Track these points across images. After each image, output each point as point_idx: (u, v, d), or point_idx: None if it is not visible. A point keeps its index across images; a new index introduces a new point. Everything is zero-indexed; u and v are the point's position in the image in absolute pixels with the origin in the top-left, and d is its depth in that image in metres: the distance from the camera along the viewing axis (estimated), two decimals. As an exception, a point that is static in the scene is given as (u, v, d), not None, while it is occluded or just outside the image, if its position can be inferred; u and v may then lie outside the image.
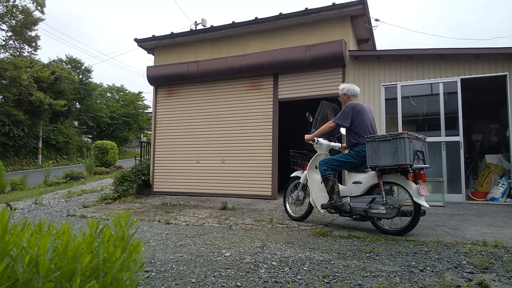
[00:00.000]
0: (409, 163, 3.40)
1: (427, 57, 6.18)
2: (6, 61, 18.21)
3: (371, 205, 3.68)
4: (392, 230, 3.70)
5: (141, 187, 8.02)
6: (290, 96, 7.03)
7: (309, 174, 4.37)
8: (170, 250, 3.28)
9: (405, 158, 3.39)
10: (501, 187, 5.83)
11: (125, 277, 1.44)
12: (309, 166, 4.39)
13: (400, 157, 3.41)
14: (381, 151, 3.56)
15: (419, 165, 3.56)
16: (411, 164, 3.42)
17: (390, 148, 3.49)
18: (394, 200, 3.59)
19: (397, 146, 3.43)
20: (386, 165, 3.53)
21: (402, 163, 3.42)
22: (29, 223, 1.57)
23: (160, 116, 8.30)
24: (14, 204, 6.86)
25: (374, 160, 3.61)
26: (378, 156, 3.57)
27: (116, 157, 17.90)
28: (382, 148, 3.56)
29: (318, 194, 4.22)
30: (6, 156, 17.96)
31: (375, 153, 3.60)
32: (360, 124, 3.92)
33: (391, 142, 3.49)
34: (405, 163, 3.41)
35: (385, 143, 3.54)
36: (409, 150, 3.40)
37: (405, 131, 3.51)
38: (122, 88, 31.89)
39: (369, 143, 3.69)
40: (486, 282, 2.27)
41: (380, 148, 3.57)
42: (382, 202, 3.59)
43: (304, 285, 2.35)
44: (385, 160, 3.52)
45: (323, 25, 6.85)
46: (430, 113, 6.41)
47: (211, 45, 7.87)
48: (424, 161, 3.67)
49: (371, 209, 3.68)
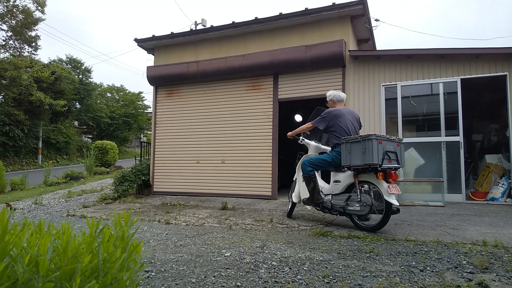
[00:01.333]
0: (377, 163, 3.60)
1: (427, 57, 6.18)
2: (6, 61, 18.21)
3: (348, 202, 3.92)
4: (365, 226, 3.93)
5: (141, 187, 8.02)
6: (290, 96, 7.03)
7: (298, 173, 4.59)
8: (170, 250, 3.28)
9: (373, 158, 3.58)
10: (501, 187, 5.83)
11: (125, 277, 1.44)
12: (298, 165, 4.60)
13: (368, 157, 3.61)
14: (353, 151, 3.80)
15: (391, 165, 3.73)
16: (380, 164, 3.61)
17: (360, 149, 3.71)
18: (367, 198, 3.79)
19: (366, 147, 3.65)
20: (357, 165, 3.77)
21: (370, 163, 3.62)
22: (29, 223, 1.57)
23: (160, 116, 8.30)
24: (14, 204, 6.86)
25: (347, 160, 3.86)
26: (351, 156, 3.82)
27: (116, 157, 17.91)
28: (354, 149, 3.79)
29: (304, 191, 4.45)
30: (6, 156, 17.96)
31: (348, 153, 3.85)
32: (337, 126, 4.20)
33: (361, 143, 3.72)
34: (373, 163, 3.61)
35: (357, 144, 3.78)
36: (377, 150, 3.59)
37: (373, 133, 3.71)
38: (122, 88, 31.90)
39: (344, 144, 3.94)
40: (486, 282, 2.27)
41: (352, 149, 3.82)
42: (357, 200, 3.83)
43: (304, 285, 2.35)
44: (356, 160, 3.75)
45: (323, 25, 6.85)
46: (430, 113, 6.40)
47: (211, 45, 7.87)
48: (398, 161, 3.84)
49: (348, 206, 3.93)
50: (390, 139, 3.80)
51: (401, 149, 3.92)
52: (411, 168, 6.21)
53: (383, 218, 3.73)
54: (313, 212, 5.32)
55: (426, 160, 6.13)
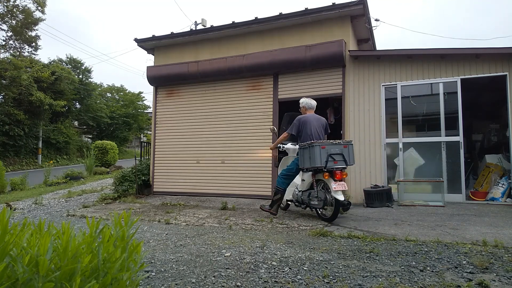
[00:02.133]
0: (321, 165, 4.23)
1: (427, 57, 6.18)
2: (6, 61, 18.20)
3: (309, 197, 4.64)
4: (324, 217, 4.61)
5: (141, 187, 8.02)
6: (290, 96, 7.03)
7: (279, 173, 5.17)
8: (170, 250, 3.28)
9: (316, 162, 4.25)
10: (501, 187, 5.83)
11: (125, 277, 1.44)
12: (280, 166, 5.26)
13: (313, 161, 4.29)
14: (304, 156, 4.51)
15: (336, 166, 4.31)
16: (324, 166, 4.24)
17: (308, 154, 4.40)
18: (321, 194, 4.46)
19: (311, 152, 4.32)
20: (307, 168, 4.47)
21: (316, 166, 4.29)
22: (29, 223, 1.57)
23: (160, 116, 8.30)
24: (14, 204, 6.86)
25: (302, 163, 4.60)
26: (304, 160, 4.53)
27: (116, 157, 17.91)
28: (305, 154, 4.49)
29: (289, 189, 5.04)
30: (6, 156, 17.96)
31: (302, 157, 4.57)
32: (304, 133, 4.77)
33: (308, 149, 4.39)
34: (316, 166, 4.28)
35: (305, 150, 4.47)
36: (320, 155, 4.23)
37: (316, 141, 4.37)
38: (122, 88, 31.89)
39: (300, 149, 4.65)
40: (486, 282, 2.27)
41: (304, 154, 4.52)
42: (314, 196, 4.53)
43: (304, 285, 2.35)
44: (306, 164, 4.46)
45: (323, 25, 6.85)
46: (430, 113, 6.40)
47: (211, 45, 7.87)
48: (345, 162, 4.40)
49: (310, 201, 4.63)
50: (335, 143, 4.37)
51: (348, 150, 4.47)
52: (411, 168, 6.21)
53: (334, 211, 4.36)
54: (313, 212, 5.33)
55: (426, 160, 6.13)
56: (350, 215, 5.01)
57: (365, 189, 5.88)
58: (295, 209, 5.55)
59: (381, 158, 6.26)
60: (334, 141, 4.38)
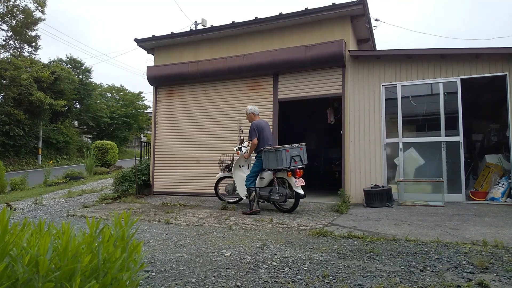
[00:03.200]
0: (286, 166, 5.06)
1: (427, 57, 6.18)
2: (6, 61, 18.20)
3: (270, 193, 5.37)
4: (284, 209, 5.38)
5: (141, 187, 8.01)
6: (290, 96, 7.03)
7: (234, 172, 5.91)
8: (170, 250, 3.28)
9: (282, 163, 5.06)
10: (501, 187, 5.83)
11: (125, 277, 1.44)
12: (234, 166, 5.92)
13: (279, 163, 5.08)
14: (270, 159, 5.20)
15: (296, 166, 5.14)
16: (288, 167, 5.06)
17: (274, 156, 5.13)
18: (283, 190, 5.26)
19: (278, 155, 5.08)
20: (274, 168, 5.20)
21: (281, 167, 5.10)
22: (29, 223, 1.57)
23: (160, 116, 8.30)
24: (14, 204, 6.86)
25: (267, 164, 5.29)
26: (269, 162, 5.23)
27: (116, 157, 17.90)
28: (271, 157, 5.19)
29: (240, 187, 5.78)
30: (6, 156, 17.95)
31: (267, 159, 5.26)
32: (261, 137, 5.49)
33: (275, 153, 5.12)
34: (282, 167, 5.08)
35: (272, 153, 5.17)
36: (285, 157, 5.04)
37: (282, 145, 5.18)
38: (122, 88, 31.88)
39: (263, 153, 5.33)
40: (486, 282, 2.27)
41: (269, 157, 5.21)
42: (276, 191, 5.30)
43: (304, 285, 2.35)
44: (272, 165, 5.20)
45: (323, 25, 6.85)
46: (430, 113, 6.40)
47: (211, 45, 7.87)
48: (302, 162, 5.25)
49: (270, 196, 5.36)
50: (295, 147, 5.20)
51: (304, 151, 5.31)
52: (411, 168, 6.21)
53: (295, 202, 5.26)
54: (313, 212, 5.33)
55: (426, 160, 6.13)
56: (350, 215, 5.01)
57: (365, 189, 5.88)
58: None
59: (381, 158, 6.26)
60: (294, 145, 5.22)
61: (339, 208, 5.31)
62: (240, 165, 5.92)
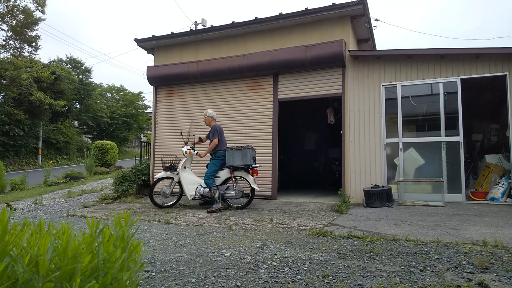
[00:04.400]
0: (250, 163, 5.68)
1: (427, 57, 6.18)
2: (6, 61, 18.20)
3: (226, 190, 5.80)
4: (238, 206, 5.78)
5: (141, 187, 8.01)
6: (290, 96, 7.03)
7: (181, 174, 6.02)
8: (170, 250, 3.28)
9: (248, 161, 5.66)
10: (501, 187, 5.83)
11: (125, 277, 1.44)
12: (180, 168, 6.04)
13: (246, 160, 5.66)
14: (236, 156, 5.73)
15: (254, 165, 5.79)
16: (251, 164, 5.68)
17: (241, 154, 5.69)
18: (240, 187, 5.81)
19: (245, 153, 5.67)
20: (238, 165, 5.70)
21: (247, 164, 5.67)
22: (29, 223, 1.57)
23: (160, 116, 8.30)
24: (14, 204, 6.86)
25: (231, 162, 5.75)
26: (234, 159, 5.73)
27: (116, 157, 17.90)
28: (236, 154, 5.73)
29: (188, 187, 5.97)
30: (6, 156, 17.95)
31: (232, 157, 5.75)
32: (222, 138, 5.98)
33: (241, 151, 5.70)
34: (248, 164, 5.66)
35: (239, 152, 5.73)
36: (250, 156, 5.67)
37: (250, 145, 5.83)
38: (122, 88, 31.88)
39: (228, 151, 5.82)
40: (486, 282, 2.27)
41: (235, 155, 5.74)
42: (233, 189, 5.78)
43: (304, 285, 2.35)
44: (238, 162, 5.71)
45: (323, 25, 6.85)
46: (430, 113, 6.40)
47: (211, 45, 7.87)
48: (255, 162, 5.93)
49: (226, 193, 5.80)
50: (253, 148, 5.89)
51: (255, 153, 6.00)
52: (411, 168, 6.21)
53: (250, 198, 5.78)
54: (313, 212, 5.33)
55: (426, 160, 6.13)
56: (350, 215, 5.01)
57: (365, 189, 5.88)
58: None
59: (381, 158, 6.26)
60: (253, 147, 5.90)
61: (339, 208, 5.30)
62: (185, 166, 6.11)
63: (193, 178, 6.11)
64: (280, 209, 5.62)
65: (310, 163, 10.43)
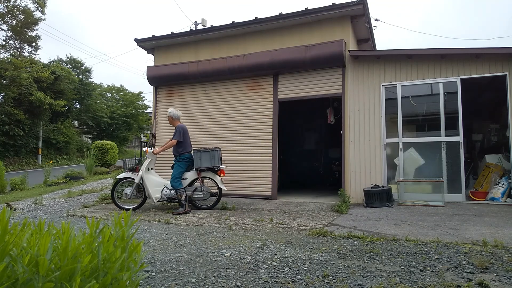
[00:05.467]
0: (218, 165, 5.71)
1: (427, 57, 6.18)
2: (6, 61, 18.19)
3: (194, 192, 5.71)
4: (204, 207, 5.81)
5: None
6: (290, 96, 7.03)
7: (145, 175, 5.80)
8: (170, 250, 3.28)
9: (216, 162, 5.69)
10: (501, 187, 5.83)
11: (125, 277, 1.44)
12: (143, 169, 5.83)
13: (214, 161, 5.69)
14: (203, 158, 5.70)
15: (221, 166, 5.81)
16: (218, 166, 5.71)
17: (209, 156, 5.68)
18: (207, 188, 5.78)
19: (213, 155, 5.68)
20: (206, 167, 5.69)
21: (215, 165, 5.69)
22: (29, 223, 1.57)
23: (160, 116, 8.30)
24: (14, 204, 6.86)
25: (199, 163, 5.71)
26: (201, 161, 5.69)
27: (116, 157, 17.87)
28: (204, 156, 5.70)
29: (153, 189, 5.78)
30: (6, 156, 17.94)
31: (199, 159, 5.70)
32: (185, 139, 5.74)
33: (209, 153, 5.70)
34: (216, 166, 5.69)
35: (206, 153, 5.70)
36: (217, 157, 5.71)
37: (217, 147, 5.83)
38: (122, 88, 31.88)
39: (195, 153, 5.74)
40: (486, 282, 2.27)
41: (202, 156, 5.70)
42: (201, 190, 5.72)
43: (304, 285, 2.35)
44: (206, 164, 5.69)
45: (323, 25, 6.85)
46: (430, 113, 6.40)
47: (211, 45, 7.87)
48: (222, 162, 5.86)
49: (193, 194, 5.70)
50: (220, 149, 5.86)
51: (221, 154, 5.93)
52: (411, 168, 6.21)
53: (218, 198, 5.80)
54: (313, 212, 5.33)
55: (426, 160, 6.13)
56: (350, 215, 5.01)
57: (365, 189, 5.88)
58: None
59: (381, 158, 6.26)
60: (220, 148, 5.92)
61: (339, 208, 5.30)
62: (149, 168, 5.91)
63: (158, 180, 5.88)
64: (280, 209, 5.62)
65: (310, 163, 10.43)
